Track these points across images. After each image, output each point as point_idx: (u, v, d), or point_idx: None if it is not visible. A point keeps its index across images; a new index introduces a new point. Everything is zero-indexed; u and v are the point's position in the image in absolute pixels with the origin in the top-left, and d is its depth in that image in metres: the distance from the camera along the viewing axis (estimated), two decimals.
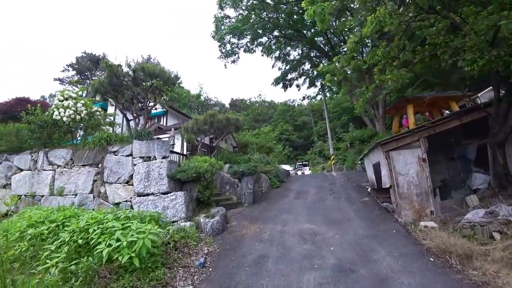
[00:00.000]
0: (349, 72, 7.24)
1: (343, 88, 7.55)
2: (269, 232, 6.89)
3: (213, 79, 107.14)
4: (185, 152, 21.29)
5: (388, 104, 20.44)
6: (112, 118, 19.59)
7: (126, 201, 8.24)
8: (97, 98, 10.60)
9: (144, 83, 9.61)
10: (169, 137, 21.48)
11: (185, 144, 21.52)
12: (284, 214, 8.47)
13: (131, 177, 8.33)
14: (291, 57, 24.43)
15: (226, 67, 23.30)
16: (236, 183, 10.92)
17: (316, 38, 22.89)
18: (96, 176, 8.94)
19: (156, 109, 13.93)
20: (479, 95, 20.98)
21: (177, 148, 21.84)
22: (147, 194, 7.94)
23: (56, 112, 9.73)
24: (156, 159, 8.24)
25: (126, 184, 8.38)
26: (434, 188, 7.77)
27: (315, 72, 25.08)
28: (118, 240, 4.18)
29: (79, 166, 9.35)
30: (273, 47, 23.81)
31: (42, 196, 9.53)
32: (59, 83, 43.68)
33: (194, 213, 7.91)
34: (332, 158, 24.11)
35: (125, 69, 9.20)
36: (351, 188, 11.22)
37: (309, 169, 27.91)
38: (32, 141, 10.41)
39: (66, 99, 10.04)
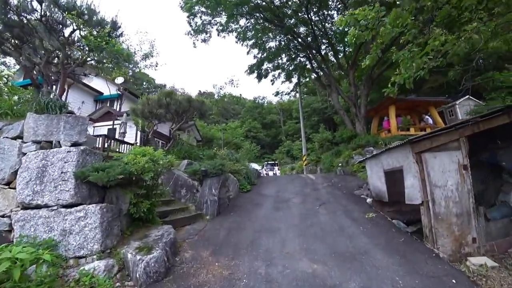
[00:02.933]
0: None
1: (374, 51, 4.78)
2: (245, 280, 3.89)
3: (182, 71, 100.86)
4: (138, 143, 17.58)
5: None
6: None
7: (2, 216, 4.74)
8: None
9: (63, 31, 6.15)
10: (120, 124, 17.60)
11: (139, 133, 17.79)
12: (264, 237, 5.55)
13: (15, 174, 4.84)
14: (268, 46, 21.61)
15: (195, 46, 19.73)
16: (196, 187, 7.80)
17: (296, 29, 20.29)
18: None
19: (86, 77, 9.86)
20: (457, 102, 20.04)
21: (131, 139, 18.08)
22: (38, 207, 4.50)
23: None
24: (61, 146, 4.86)
25: (7, 187, 4.86)
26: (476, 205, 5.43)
27: (292, 66, 22.52)
28: None
29: None
30: (249, 33, 20.77)
31: None
32: None
33: (122, 240, 4.64)
34: (304, 158, 21.76)
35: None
36: (343, 197, 8.64)
37: (278, 169, 25.31)
38: None
39: None
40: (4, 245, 3.53)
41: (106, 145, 14.57)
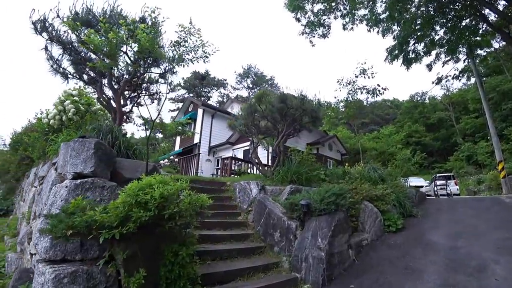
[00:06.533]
0: None
1: None
2: None
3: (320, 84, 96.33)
4: (269, 163, 16.20)
5: None
6: (189, 126, 16.39)
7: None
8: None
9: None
10: (249, 145, 16.95)
11: (269, 152, 16.45)
12: None
13: None
14: (410, 18, 15.47)
15: (313, 44, 15.83)
16: (293, 231, 4.88)
17: None
18: None
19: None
20: None
21: (263, 159, 17.02)
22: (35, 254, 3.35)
23: (43, 115, 6.75)
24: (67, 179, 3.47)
25: None
26: None
27: (454, 35, 15.12)
28: None
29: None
30: (382, 15, 15.70)
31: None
32: (171, 102, 44.59)
33: None
34: (501, 167, 13.91)
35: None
36: None
37: (456, 185, 17.58)
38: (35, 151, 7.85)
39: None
40: None
41: (234, 167, 14.08)
